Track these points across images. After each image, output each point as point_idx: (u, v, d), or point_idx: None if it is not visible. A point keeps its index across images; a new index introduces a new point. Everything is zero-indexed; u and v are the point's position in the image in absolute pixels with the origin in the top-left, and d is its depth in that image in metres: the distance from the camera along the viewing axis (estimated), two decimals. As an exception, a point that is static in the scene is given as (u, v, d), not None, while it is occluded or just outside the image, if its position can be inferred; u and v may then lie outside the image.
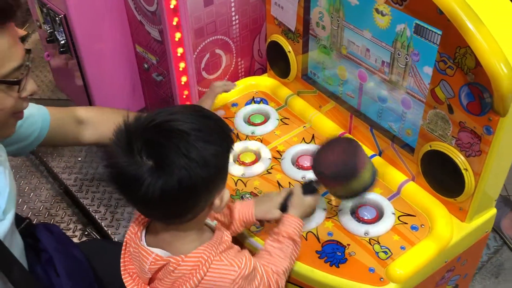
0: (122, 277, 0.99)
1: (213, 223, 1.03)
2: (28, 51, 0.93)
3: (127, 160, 0.82)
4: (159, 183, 0.81)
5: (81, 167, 2.22)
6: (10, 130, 0.99)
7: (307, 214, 1.15)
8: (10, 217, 1.06)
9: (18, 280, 1.06)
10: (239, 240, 1.18)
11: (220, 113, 1.50)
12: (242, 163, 1.36)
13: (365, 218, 1.20)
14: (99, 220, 2.00)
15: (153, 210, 0.89)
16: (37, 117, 1.22)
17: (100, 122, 1.34)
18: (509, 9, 1.00)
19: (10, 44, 0.88)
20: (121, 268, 0.99)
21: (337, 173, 1.09)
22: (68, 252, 1.26)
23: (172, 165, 0.81)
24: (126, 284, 0.98)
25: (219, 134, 0.88)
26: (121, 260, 0.99)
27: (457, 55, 1.01)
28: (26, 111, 1.17)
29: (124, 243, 0.99)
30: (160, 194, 0.82)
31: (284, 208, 1.12)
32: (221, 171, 0.90)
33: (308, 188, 1.12)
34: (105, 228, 1.96)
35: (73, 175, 2.18)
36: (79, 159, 2.26)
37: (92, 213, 2.03)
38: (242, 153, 1.39)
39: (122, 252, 1.00)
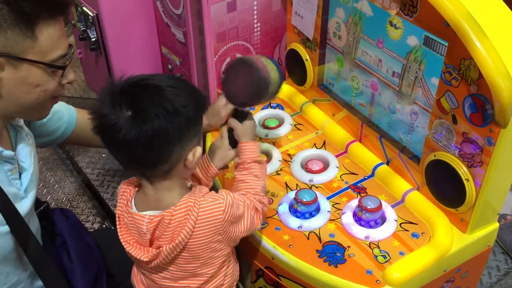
0: (124, 246, 1.07)
1: (188, 184, 1.10)
2: (70, 45, 1.04)
3: (109, 111, 0.93)
4: (135, 129, 0.91)
5: (104, 163, 2.31)
6: (45, 112, 1.09)
7: (254, 134, 1.25)
8: (31, 197, 1.14)
9: (34, 255, 1.13)
10: (248, 241, 1.23)
11: None
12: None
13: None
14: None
15: (132, 158, 0.98)
16: (65, 113, 1.31)
17: None
18: (512, 23, 1.03)
19: (59, 35, 0.99)
20: (121, 239, 1.06)
21: (253, 96, 1.20)
22: (81, 238, 1.32)
23: (147, 113, 0.92)
24: (131, 251, 1.05)
25: (189, 92, 0.99)
26: (118, 233, 1.07)
27: (461, 66, 1.05)
28: (55, 107, 1.27)
29: (117, 218, 1.08)
30: (136, 139, 0.92)
31: (234, 144, 1.21)
32: (192, 125, 0.98)
33: (241, 115, 1.22)
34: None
35: (96, 170, 2.27)
36: (103, 155, 2.35)
37: (111, 207, 2.11)
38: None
39: (118, 226, 1.08)
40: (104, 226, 2.05)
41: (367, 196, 1.27)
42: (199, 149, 1.02)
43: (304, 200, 1.24)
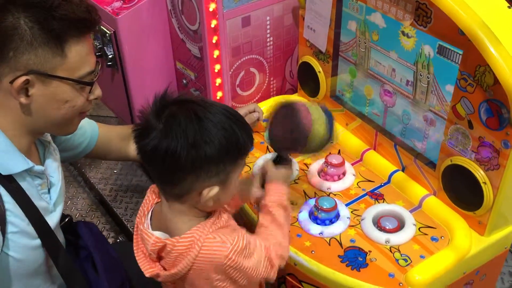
0: (135, 255, 1.07)
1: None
2: (97, 62, 1.07)
3: (152, 117, 0.96)
4: (155, 142, 0.94)
5: (116, 179, 2.33)
6: (73, 128, 1.11)
7: (287, 182, 1.18)
8: (59, 210, 1.17)
9: (64, 268, 1.15)
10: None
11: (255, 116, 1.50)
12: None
13: (387, 227, 1.26)
14: (131, 229, 2.09)
15: (152, 167, 1.00)
16: (87, 129, 1.35)
17: None
18: (525, 30, 1.07)
19: (87, 52, 1.02)
20: (134, 248, 1.08)
21: (291, 144, 1.16)
22: (105, 250, 1.34)
23: (171, 134, 0.93)
24: (139, 262, 1.07)
25: (227, 133, 0.96)
26: (134, 241, 1.09)
27: (477, 73, 1.09)
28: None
29: (135, 226, 1.09)
30: (151, 149, 0.95)
31: (264, 185, 1.18)
32: (214, 164, 0.96)
33: (278, 160, 1.18)
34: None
35: (108, 186, 2.30)
36: (115, 171, 2.37)
37: (125, 222, 2.13)
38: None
39: (134, 234, 1.09)
40: (118, 240, 2.07)
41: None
42: (215, 189, 0.98)
43: (325, 207, 1.27)
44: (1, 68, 0.96)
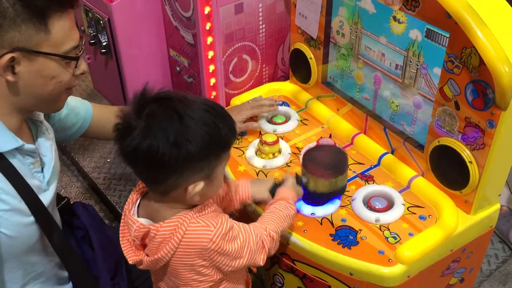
0: (120, 242, 1.08)
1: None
2: (81, 37, 1.08)
3: (133, 115, 0.95)
4: (135, 142, 0.93)
5: (110, 168, 2.35)
6: (61, 104, 1.12)
7: (294, 199, 1.23)
8: (53, 189, 1.18)
9: (58, 245, 1.17)
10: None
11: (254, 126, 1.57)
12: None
13: (377, 207, 1.30)
14: (124, 216, 2.12)
15: (134, 166, 1.00)
16: (81, 109, 1.36)
17: None
18: (509, 13, 1.11)
19: (70, 27, 1.03)
20: (120, 235, 1.08)
21: (330, 166, 1.27)
22: (102, 230, 1.37)
23: (151, 132, 0.93)
24: (123, 249, 1.07)
25: (209, 129, 0.96)
26: (120, 228, 1.09)
27: (463, 55, 1.12)
28: (71, 103, 1.32)
29: (123, 214, 1.09)
30: (132, 150, 0.94)
31: (273, 191, 1.23)
32: (197, 161, 0.96)
33: (300, 180, 1.27)
34: (130, 223, 2.07)
35: (102, 174, 2.31)
36: (108, 160, 2.39)
37: (119, 209, 2.14)
38: (264, 148, 1.50)
39: (122, 221, 1.09)
40: (113, 225, 2.09)
41: (373, 197, 1.33)
42: (200, 184, 0.98)
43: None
44: None
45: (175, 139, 0.92)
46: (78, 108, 1.35)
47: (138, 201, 1.08)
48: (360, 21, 1.40)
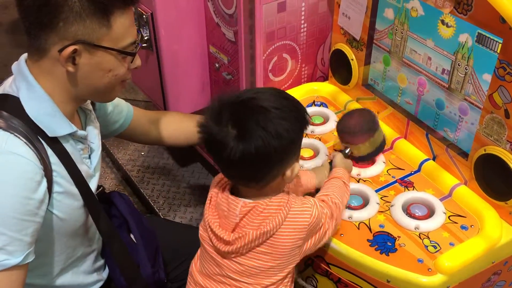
0: (210, 224, 1.09)
1: None
2: (138, 33, 1.10)
3: (216, 128, 0.99)
4: (240, 148, 0.97)
5: (144, 161, 2.37)
6: (115, 95, 1.16)
7: (349, 172, 1.32)
8: (97, 176, 1.22)
9: (105, 229, 1.21)
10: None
11: None
12: (301, 158, 1.46)
13: (416, 214, 1.27)
14: (157, 210, 2.14)
15: (233, 171, 1.05)
16: (124, 108, 1.41)
17: (168, 123, 1.50)
18: None
19: (130, 23, 1.06)
20: (207, 219, 1.11)
21: (363, 129, 1.36)
22: (139, 219, 1.39)
23: (251, 135, 0.97)
24: (212, 231, 1.09)
25: (294, 113, 1.02)
26: (205, 212, 1.13)
27: (516, 61, 1.09)
28: (116, 101, 1.37)
29: (208, 198, 1.13)
30: (239, 157, 0.97)
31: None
32: (293, 146, 1.03)
33: (344, 153, 1.36)
34: (162, 217, 2.08)
35: (136, 167, 2.34)
36: (142, 153, 2.42)
37: (151, 202, 2.17)
38: (302, 149, 1.48)
39: (207, 204, 1.13)
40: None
41: (413, 204, 1.30)
42: (297, 166, 1.06)
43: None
44: (50, 38, 1.00)
45: (276, 132, 0.97)
46: (121, 107, 1.40)
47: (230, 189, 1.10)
48: (407, 23, 1.37)
